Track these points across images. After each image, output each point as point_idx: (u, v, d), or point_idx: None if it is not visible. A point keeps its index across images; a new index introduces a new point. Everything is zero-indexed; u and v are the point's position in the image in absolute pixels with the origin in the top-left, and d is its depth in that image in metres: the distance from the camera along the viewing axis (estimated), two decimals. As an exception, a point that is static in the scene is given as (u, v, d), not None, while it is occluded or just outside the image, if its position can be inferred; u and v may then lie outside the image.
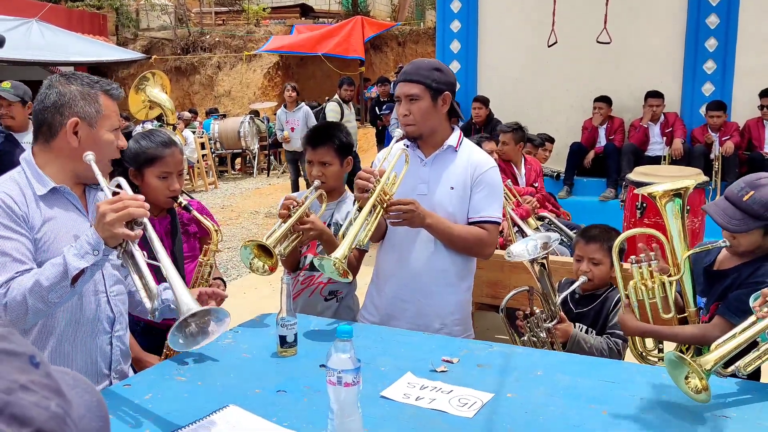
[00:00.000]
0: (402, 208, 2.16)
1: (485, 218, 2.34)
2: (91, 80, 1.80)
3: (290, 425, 1.52)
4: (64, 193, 1.77)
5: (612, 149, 6.71)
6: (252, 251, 2.17)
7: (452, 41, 7.47)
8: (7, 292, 1.58)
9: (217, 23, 20.21)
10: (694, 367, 1.59)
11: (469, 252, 2.39)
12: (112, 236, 1.57)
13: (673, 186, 2.20)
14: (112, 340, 1.84)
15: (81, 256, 1.57)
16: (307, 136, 2.59)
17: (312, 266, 2.56)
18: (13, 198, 1.67)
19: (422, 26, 18.81)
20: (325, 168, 2.50)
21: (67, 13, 15.41)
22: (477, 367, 1.86)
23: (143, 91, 11.53)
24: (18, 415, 0.48)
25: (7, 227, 1.64)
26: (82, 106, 1.75)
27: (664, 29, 6.75)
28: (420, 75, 2.29)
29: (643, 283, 2.16)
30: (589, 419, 1.55)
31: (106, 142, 1.78)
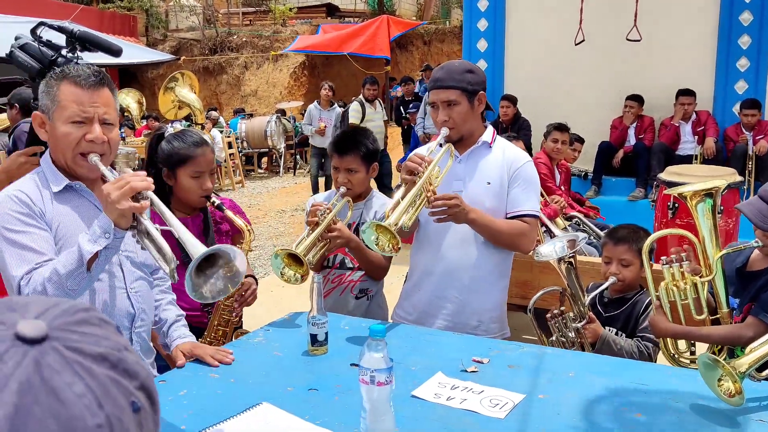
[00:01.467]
0: (447, 203, 2.16)
1: (525, 212, 2.35)
2: (64, 71, 1.72)
3: (322, 423, 1.53)
4: (80, 190, 1.79)
5: (642, 148, 6.61)
6: (282, 260, 2.20)
7: (479, 40, 7.43)
8: (28, 282, 1.62)
9: (244, 23, 20.39)
10: (728, 370, 1.56)
11: (512, 246, 2.40)
12: (120, 214, 1.57)
13: (704, 186, 2.16)
14: (132, 336, 1.85)
15: (93, 241, 1.58)
16: (334, 143, 2.61)
17: (342, 265, 2.57)
18: (29, 195, 1.70)
19: (448, 25, 18.75)
20: (351, 175, 2.52)
21: (99, 14, 15.70)
22: (508, 368, 1.86)
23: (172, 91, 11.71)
24: (129, 370, 0.55)
25: (24, 222, 1.67)
26: (43, 98, 1.73)
27: (695, 26, 6.63)
28: (454, 80, 2.31)
29: (675, 284, 2.13)
30: (623, 422, 1.54)
31: (60, 134, 1.70)
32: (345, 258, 2.58)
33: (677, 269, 2.13)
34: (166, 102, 11.63)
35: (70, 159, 1.73)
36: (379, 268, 2.54)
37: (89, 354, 0.53)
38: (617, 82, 6.89)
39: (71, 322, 0.55)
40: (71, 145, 1.71)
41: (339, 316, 2.31)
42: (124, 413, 0.52)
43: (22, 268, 1.64)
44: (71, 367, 0.51)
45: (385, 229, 1.99)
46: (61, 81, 1.70)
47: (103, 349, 0.54)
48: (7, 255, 1.65)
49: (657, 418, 1.56)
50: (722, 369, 1.59)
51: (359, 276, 2.57)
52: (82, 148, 1.71)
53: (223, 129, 12.34)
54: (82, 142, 1.70)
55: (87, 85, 1.69)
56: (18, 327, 0.52)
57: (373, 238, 2.00)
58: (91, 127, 1.70)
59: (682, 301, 2.13)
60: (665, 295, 2.14)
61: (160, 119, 11.75)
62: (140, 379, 0.56)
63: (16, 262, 1.64)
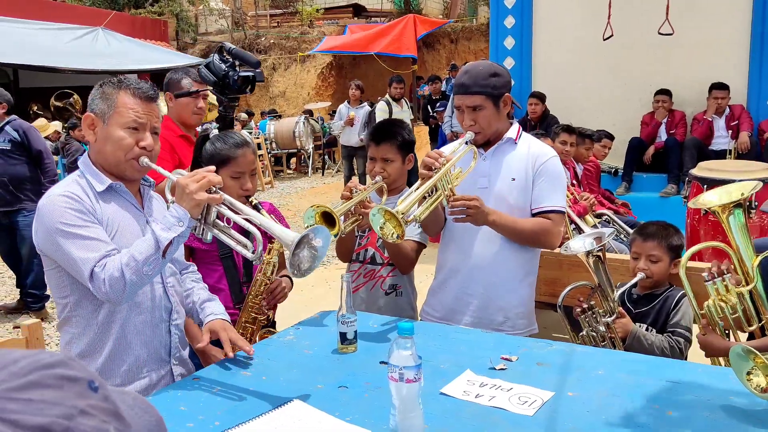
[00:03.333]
0: (466, 204, 2.17)
1: (549, 208, 2.34)
2: (122, 81, 1.86)
3: (352, 420, 1.56)
4: (119, 191, 1.89)
5: (674, 144, 6.51)
6: (314, 216, 2.12)
7: (506, 37, 7.39)
8: (104, 268, 1.72)
9: (272, 25, 20.56)
10: (761, 361, 1.54)
11: (536, 244, 2.40)
12: (196, 204, 1.72)
13: (729, 199, 2.09)
14: (170, 328, 1.95)
15: (168, 228, 1.71)
16: (371, 133, 2.63)
17: (373, 260, 2.59)
18: (78, 195, 1.80)
19: (474, 23, 18.64)
20: (387, 164, 2.53)
21: (131, 20, 15.99)
22: (536, 366, 1.86)
23: (202, 94, 11.86)
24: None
25: (82, 219, 1.77)
26: (98, 103, 1.84)
27: (727, 19, 6.50)
28: (479, 85, 2.31)
29: (721, 299, 2.05)
30: (653, 420, 1.53)
31: (115, 138, 1.82)
32: (375, 253, 2.60)
33: (721, 284, 2.06)
34: (196, 105, 11.76)
35: (123, 161, 1.85)
36: (407, 260, 2.53)
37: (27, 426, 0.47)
38: (646, 78, 6.80)
39: (14, 387, 0.50)
40: (126, 148, 1.84)
41: (368, 314, 2.33)
42: None
43: (94, 253, 1.73)
44: None
45: (392, 216, 1.98)
46: (120, 90, 1.84)
47: (47, 419, 0.48)
48: (71, 247, 1.73)
49: (688, 416, 1.54)
50: (753, 361, 1.56)
51: (389, 271, 2.58)
52: (134, 153, 1.85)
53: (252, 130, 12.47)
54: (135, 148, 1.84)
55: (144, 97, 1.85)
56: None
57: (380, 222, 2.00)
58: (144, 134, 1.85)
59: (733, 316, 2.07)
60: (715, 312, 2.07)
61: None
62: None
63: (84, 251, 1.73)
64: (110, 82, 1.87)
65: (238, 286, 2.42)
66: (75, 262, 1.74)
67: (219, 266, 2.41)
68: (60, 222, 1.75)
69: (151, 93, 1.87)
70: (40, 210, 1.80)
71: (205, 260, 2.41)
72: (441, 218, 2.45)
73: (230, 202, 1.80)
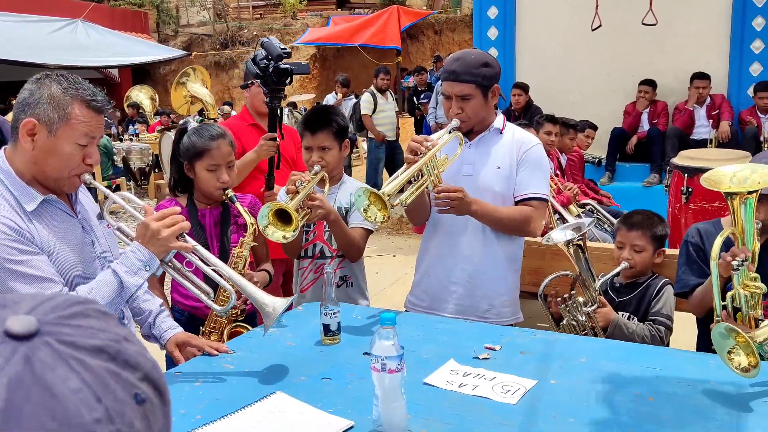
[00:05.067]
0: (450, 195, 2.17)
1: (531, 195, 2.35)
2: (76, 85, 1.65)
3: (335, 411, 1.55)
4: (52, 202, 1.72)
5: (656, 134, 6.55)
6: (268, 216, 2.10)
7: (489, 28, 7.38)
8: None
9: (254, 17, 20.41)
10: (743, 340, 1.54)
11: (518, 232, 2.39)
12: (166, 250, 1.68)
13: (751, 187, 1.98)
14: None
15: (134, 273, 1.66)
16: (303, 122, 2.58)
17: (322, 254, 2.56)
18: (13, 219, 1.61)
19: (458, 14, 18.62)
20: (325, 153, 2.49)
21: (110, 11, 15.80)
22: (520, 354, 1.86)
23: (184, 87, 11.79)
24: (130, 361, 0.53)
25: (23, 251, 1.60)
26: (45, 108, 1.61)
27: (709, 9, 6.54)
28: (470, 74, 2.30)
29: (745, 285, 1.95)
30: (635, 406, 1.54)
31: (64, 154, 1.63)
32: (324, 246, 2.56)
33: (743, 271, 1.94)
34: (178, 97, 11.71)
35: (65, 177, 1.69)
36: (355, 247, 2.50)
37: (84, 347, 0.51)
38: (630, 68, 6.83)
39: (64, 315, 0.53)
40: (72, 165, 1.67)
41: (351, 306, 2.33)
42: (126, 406, 0.50)
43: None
44: (65, 362, 0.50)
45: (378, 198, 1.96)
46: (75, 100, 1.63)
47: (100, 341, 0.52)
48: (17, 287, 1.58)
49: (670, 401, 1.56)
50: (736, 339, 1.57)
51: (338, 264, 2.54)
52: (79, 170, 1.70)
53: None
54: (81, 164, 1.69)
55: (97, 109, 1.68)
56: (7, 323, 0.51)
57: (364, 204, 1.98)
58: (92, 149, 1.70)
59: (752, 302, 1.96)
60: (744, 301, 1.96)
61: (173, 115, 11.83)
62: (143, 370, 0.54)
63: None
64: (59, 83, 1.63)
65: (210, 279, 2.39)
66: None
67: None
68: (2, 258, 1.57)
69: (105, 105, 1.70)
70: None
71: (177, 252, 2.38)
72: (427, 206, 2.45)
73: (199, 252, 1.75)
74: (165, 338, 1.97)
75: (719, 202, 4.08)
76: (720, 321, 2.03)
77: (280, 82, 2.79)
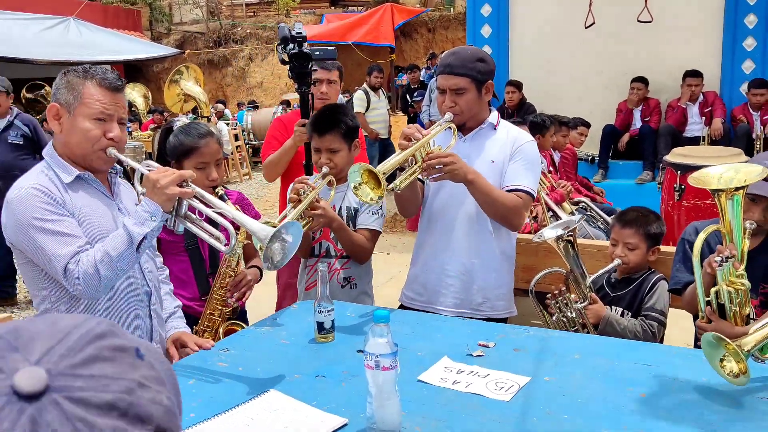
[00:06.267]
0: (442, 160, 2.14)
1: (520, 187, 2.34)
2: (90, 70, 1.82)
3: (329, 409, 1.55)
4: (88, 180, 1.87)
5: (648, 131, 6.57)
6: (360, 176, 2.04)
7: (483, 26, 7.39)
8: (77, 264, 1.71)
9: (248, 15, 20.34)
10: (732, 349, 1.56)
11: (503, 218, 2.36)
12: (167, 199, 1.72)
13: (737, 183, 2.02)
14: (150, 313, 1.96)
15: (141, 224, 1.72)
16: (312, 123, 2.56)
17: (328, 253, 2.56)
18: (47, 187, 1.78)
19: (452, 11, 18.59)
20: (334, 155, 2.47)
21: (103, 9, 15.71)
22: (513, 351, 1.87)
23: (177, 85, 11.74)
24: (142, 414, 0.50)
25: (53, 212, 1.75)
26: (63, 93, 1.81)
27: (702, 6, 6.56)
28: (466, 68, 2.31)
29: (730, 281, 1.98)
30: (627, 402, 1.55)
31: (81, 129, 1.80)
32: (330, 246, 2.55)
33: (728, 268, 1.97)
34: (171, 96, 11.66)
35: (90, 152, 1.82)
36: (362, 249, 2.49)
37: (94, 405, 0.48)
38: (624, 65, 6.85)
39: (77, 363, 0.50)
40: (93, 140, 1.81)
41: (345, 304, 2.32)
42: None
43: (66, 249, 1.72)
44: (72, 425, 0.47)
45: (371, 177, 1.96)
46: (86, 80, 1.80)
47: (111, 395, 0.49)
48: (45, 242, 1.73)
49: (662, 397, 1.57)
50: (726, 348, 1.58)
51: (342, 264, 2.54)
52: (102, 145, 1.82)
53: (230, 121, 12.36)
54: (103, 139, 1.81)
55: (111, 87, 1.82)
56: (15, 379, 0.47)
57: (357, 180, 1.98)
58: (112, 125, 1.82)
59: (738, 299, 2.00)
60: (727, 297, 1.99)
61: (166, 113, 11.79)
62: (155, 421, 0.51)
63: (58, 246, 1.72)
64: (75, 71, 1.82)
65: (204, 277, 2.40)
66: (48, 259, 1.73)
67: (185, 257, 2.39)
68: (32, 217, 1.73)
69: (117, 83, 1.84)
70: (10, 203, 1.77)
71: (171, 251, 2.38)
72: (419, 196, 2.44)
73: (202, 195, 1.79)
74: (166, 337, 2.05)
75: (712, 200, 4.09)
76: (704, 316, 2.05)
77: (303, 67, 2.81)
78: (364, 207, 2.51)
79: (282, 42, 2.81)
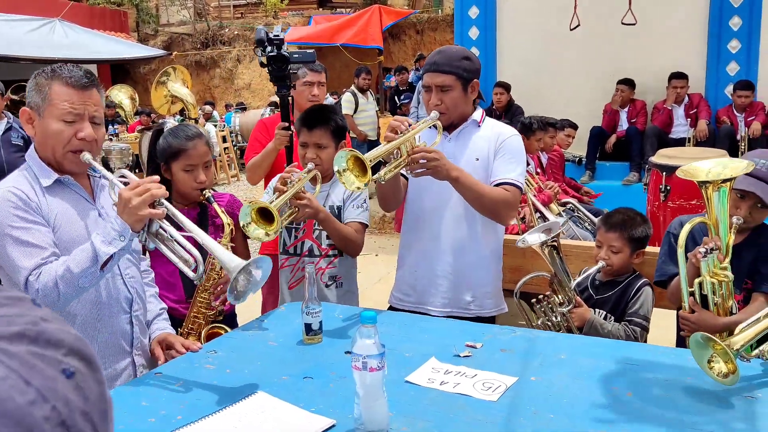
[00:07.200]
0: (427, 155, 2.14)
1: (508, 180, 2.34)
2: (55, 71, 1.77)
3: (317, 410, 1.55)
4: (68, 184, 1.84)
5: (634, 132, 6.63)
6: (250, 214, 2.04)
7: (471, 28, 7.42)
8: (38, 278, 1.68)
9: (235, 16, 20.28)
10: (721, 348, 1.57)
11: (495, 214, 2.36)
12: (138, 219, 1.67)
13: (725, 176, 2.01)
14: (131, 320, 1.94)
15: (109, 242, 1.67)
16: (302, 118, 2.56)
17: (311, 252, 2.56)
18: (23, 191, 1.75)
19: (440, 13, 18.64)
20: (321, 151, 2.48)
21: (89, 10, 15.60)
22: (500, 352, 1.88)
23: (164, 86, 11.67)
24: (51, 339, 0.53)
25: (24, 218, 1.72)
26: (33, 96, 1.77)
27: (687, 9, 6.63)
28: (451, 65, 2.32)
29: (712, 274, 2.01)
30: (613, 401, 1.56)
31: (52, 131, 1.76)
32: (313, 245, 2.55)
33: (712, 260, 2.00)
34: (158, 97, 11.59)
35: (61, 155, 1.79)
36: (352, 241, 2.48)
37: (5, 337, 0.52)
38: (611, 67, 6.91)
39: None
40: (63, 141, 1.77)
41: (333, 305, 2.32)
42: (57, 382, 0.51)
43: (30, 261, 1.69)
44: None
45: (357, 164, 1.96)
46: (53, 80, 1.75)
47: (18, 327, 0.53)
48: (11, 251, 1.70)
49: (647, 396, 1.58)
50: (714, 348, 1.60)
51: (327, 263, 2.54)
52: (73, 146, 1.78)
53: (218, 123, 12.32)
54: (74, 140, 1.77)
55: (78, 86, 1.76)
56: None
57: (342, 166, 1.97)
58: (82, 124, 1.78)
59: (720, 291, 2.03)
60: (710, 288, 2.02)
61: (154, 114, 11.73)
62: (67, 345, 0.54)
63: (22, 257, 1.69)
64: (43, 71, 1.78)
65: (190, 281, 2.37)
66: (13, 268, 1.71)
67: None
68: (3, 223, 1.71)
69: (84, 81, 1.78)
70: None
71: (158, 253, 2.36)
72: (401, 191, 2.45)
73: (174, 216, 1.75)
74: (152, 338, 2.03)
75: (697, 200, 4.14)
76: (687, 307, 2.08)
77: (281, 70, 2.81)
78: (348, 203, 2.51)
79: (258, 45, 2.81)
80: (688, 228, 2.02)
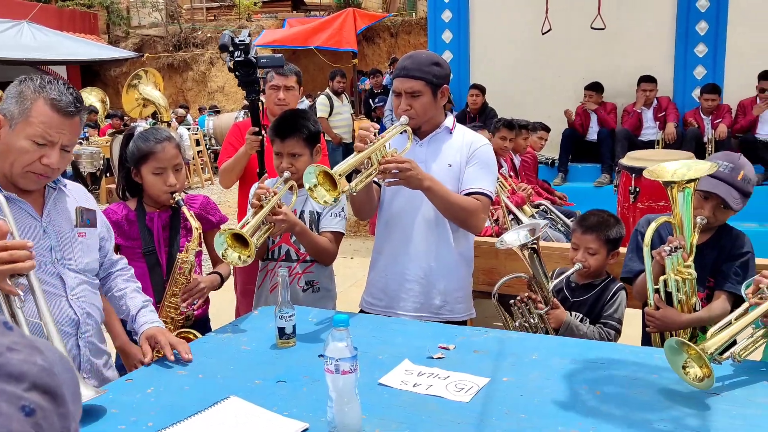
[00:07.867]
0: (399, 165, 2.14)
1: (479, 189, 2.36)
2: (44, 86, 1.66)
3: (290, 414, 1.55)
4: (13, 200, 1.71)
5: (605, 135, 6.73)
6: (226, 241, 2.09)
7: (444, 31, 7.47)
8: None
9: (208, 19, 20.13)
10: (695, 353, 1.59)
11: (464, 222, 2.38)
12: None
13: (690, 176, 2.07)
14: (78, 342, 1.81)
15: None
16: (273, 128, 2.54)
17: (288, 257, 2.55)
18: None
19: (414, 17, 18.73)
20: (295, 159, 2.47)
21: (58, 12, 15.36)
22: (473, 353, 1.89)
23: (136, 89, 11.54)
24: (13, 372, 0.51)
25: None
26: (11, 103, 1.66)
27: (655, 14, 6.76)
28: (421, 71, 2.33)
29: (676, 271, 2.05)
30: (582, 400, 1.59)
31: (17, 148, 1.64)
32: (290, 249, 2.55)
33: (676, 258, 2.04)
34: (130, 100, 11.46)
35: (18, 173, 1.69)
36: (326, 251, 2.48)
37: None
38: (582, 71, 7.00)
39: None
40: (25, 162, 1.67)
41: (307, 309, 2.32)
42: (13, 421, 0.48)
43: None
44: None
45: (327, 178, 1.96)
46: (39, 97, 1.65)
47: None
48: None
49: (617, 394, 1.61)
50: (688, 352, 1.62)
51: (304, 268, 2.54)
52: (34, 168, 1.68)
53: (191, 126, 12.20)
54: (37, 163, 1.67)
55: (63, 113, 1.67)
56: None
57: (312, 182, 1.97)
58: (51, 151, 1.68)
59: (684, 288, 2.07)
60: (674, 286, 2.06)
61: (126, 117, 11.58)
62: (30, 378, 0.52)
63: None
64: (32, 80, 1.68)
65: (160, 283, 2.36)
66: None
67: (142, 263, 2.34)
68: None
69: (71, 109, 1.68)
70: None
71: (127, 256, 2.34)
72: (374, 199, 2.45)
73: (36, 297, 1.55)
74: (139, 333, 1.94)
75: (665, 202, 4.20)
76: (652, 303, 2.12)
77: (249, 75, 2.80)
78: (326, 209, 2.51)
79: (222, 50, 2.80)
80: (654, 227, 2.07)
